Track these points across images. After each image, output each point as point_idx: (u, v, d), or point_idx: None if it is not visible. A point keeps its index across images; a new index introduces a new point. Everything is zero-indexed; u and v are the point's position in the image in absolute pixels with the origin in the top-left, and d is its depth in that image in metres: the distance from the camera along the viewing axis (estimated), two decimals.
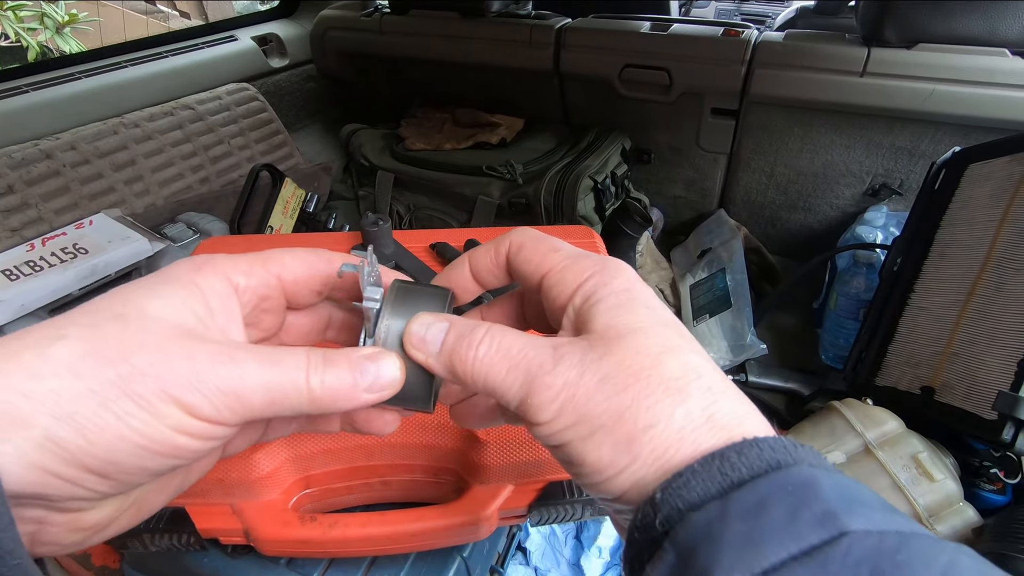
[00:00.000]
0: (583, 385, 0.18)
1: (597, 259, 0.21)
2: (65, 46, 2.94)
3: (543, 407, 0.18)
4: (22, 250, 0.84)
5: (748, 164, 1.20)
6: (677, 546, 0.15)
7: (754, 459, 0.16)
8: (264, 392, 0.18)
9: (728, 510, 0.15)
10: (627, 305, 0.19)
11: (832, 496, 0.15)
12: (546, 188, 1.11)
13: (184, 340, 0.18)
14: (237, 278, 0.21)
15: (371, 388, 0.20)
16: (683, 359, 0.18)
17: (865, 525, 0.14)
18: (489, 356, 0.19)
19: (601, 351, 0.18)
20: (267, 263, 0.22)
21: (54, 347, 0.16)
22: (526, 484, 0.42)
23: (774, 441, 0.17)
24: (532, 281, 0.22)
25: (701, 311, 1.11)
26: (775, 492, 0.15)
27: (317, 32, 1.47)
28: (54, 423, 0.16)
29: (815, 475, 0.15)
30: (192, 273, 0.20)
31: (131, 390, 0.16)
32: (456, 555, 0.45)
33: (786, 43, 1.05)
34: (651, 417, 0.17)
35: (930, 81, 0.95)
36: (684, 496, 0.16)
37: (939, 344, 0.77)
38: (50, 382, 0.16)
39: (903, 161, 1.07)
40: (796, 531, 0.14)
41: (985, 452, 0.74)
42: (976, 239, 0.78)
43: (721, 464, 0.16)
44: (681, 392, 0.17)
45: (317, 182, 1.28)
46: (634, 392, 0.17)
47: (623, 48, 1.16)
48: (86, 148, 1.01)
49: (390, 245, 0.56)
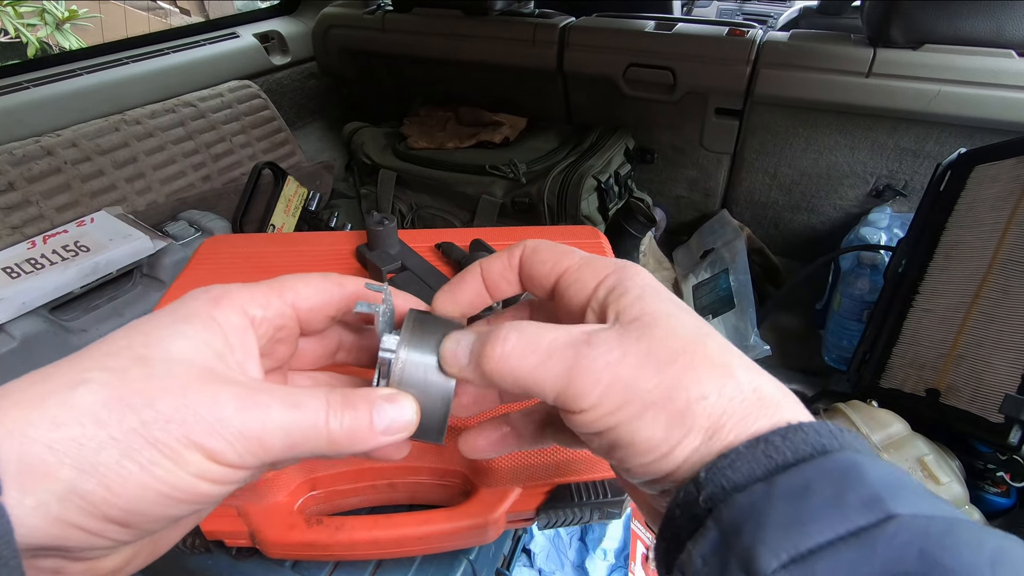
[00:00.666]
0: (627, 364, 0.18)
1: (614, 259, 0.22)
2: (65, 42, 2.93)
3: (585, 392, 0.18)
4: (23, 248, 0.84)
5: (752, 164, 1.20)
6: (721, 524, 0.15)
7: (799, 443, 0.16)
8: (285, 436, 0.18)
9: (773, 492, 0.15)
10: (654, 296, 0.20)
11: (877, 481, 0.15)
12: (549, 188, 1.11)
13: (208, 383, 0.17)
14: (254, 311, 0.21)
15: (388, 431, 0.20)
16: (720, 340, 0.19)
17: (912, 510, 0.14)
18: (519, 348, 0.19)
19: (637, 333, 0.18)
20: (282, 293, 0.21)
21: (77, 393, 0.16)
22: (534, 487, 0.41)
23: (819, 426, 0.17)
24: (547, 283, 0.22)
25: (704, 312, 1.11)
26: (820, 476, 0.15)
27: (319, 29, 1.46)
28: (77, 475, 0.15)
29: (859, 460, 0.15)
30: (210, 308, 0.19)
31: (154, 438, 0.16)
32: (463, 558, 0.45)
33: (791, 43, 1.05)
34: (704, 388, 0.17)
35: (936, 82, 0.95)
36: (729, 476, 0.16)
37: (944, 346, 0.76)
38: (73, 430, 0.15)
39: (908, 162, 1.07)
40: (843, 513, 0.14)
41: (990, 455, 0.73)
42: (982, 241, 0.78)
43: (766, 448, 0.16)
44: (727, 367, 0.18)
45: (319, 180, 1.28)
46: (681, 366, 0.17)
47: (627, 47, 1.16)
48: (87, 145, 1.00)
49: (395, 245, 0.56)
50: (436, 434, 0.22)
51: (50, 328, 0.79)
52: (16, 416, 0.15)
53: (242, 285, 0.21)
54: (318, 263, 0.56)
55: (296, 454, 0.19)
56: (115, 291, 0.89)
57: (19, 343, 0.76)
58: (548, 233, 0.63)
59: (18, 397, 0.16)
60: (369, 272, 0.55)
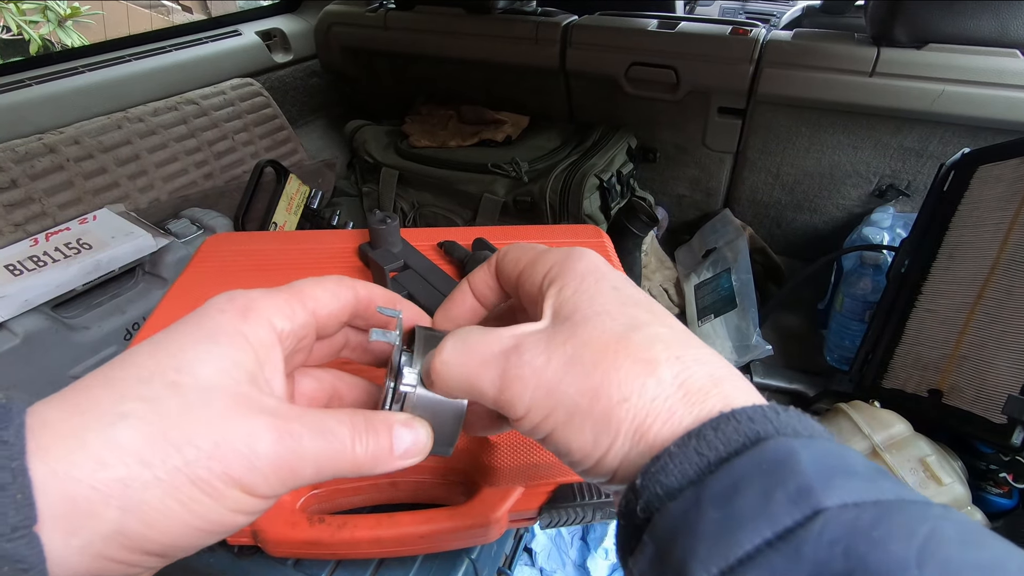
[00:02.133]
0: (551, 369, 0.18)
1: (564, 248, 0.21)
2: (67, 39, 2.93)
3: (517, 400, 0.18)
4: (25, 245, 0.84)
5: (754, 164, 1.20)
6: (655, 537, 0.15)
7: (731, 434, 0.15)
8: (315, 463, 0.18)
9: (703, 495, 0.15)
10: (592, 288, 0.19)
11: (810, 469, 0.14)
12: (551, 186, 1.11)
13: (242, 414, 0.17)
14: (281, 324, 0.20)
15: (405, 455, 0.20)
16: (649, 332, 0.18)
17: (841, 499, 0.13)
18: (455, 356, 0.19)
19: (566, 334, 0.18)
20: (304, 301, 0.21)
21: (118, 430, 0.16)
22: (536, 486, 0.41)
23: (752, 411, 0.16)
24: (513, 284, 0.22)
25: (706, 311, 1.11)
26: (750, 471, 0.14)
27: (321, 27, 1.46)
28: (122, 515, 0.15)
29: (793, 447, 0.15)
30: (238, 323, 0.19)
31: (197, 476, 0.16)
32: (464, 557, 0.45)
33: (795, 42, 1.04)
34: (624, 390, 0.17)
35: (940, 82, 0.94)
36: (663, 481, 0.15)
37: (947, 347, 0.76)
38: (118, 471, 0.16)
39: (911, 162, 1.07)
40: (770, 513, 0.13)
41: (993, 456, 0.73)
42: (985, 241, 0.78)
43: (698, 443, 0.16)
44: (650, 363, 0.17)
45: (321, 178, 1.28)
46: (603, 368, 0.17)
47: (630, 46, 1.16)
48: (89, 143, 1.00)
49: (398, 243, 0.56)
50: (446, 448, 0.23)
51: (52, 325, 0.79)
52: (59, 455, 0.15)
53: (265, 293, 0.21)
54: (320, 261, 0.56)
55: (322, 478, 0.19)
56: (117, 289, 0.89)
57: (22, 340, 0.76)
58: (549, 232, 0.63)
59: (58, 430, 0.16)
60: (371, 270, 0.55)
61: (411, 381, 0.21)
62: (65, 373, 0.81)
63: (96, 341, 0.83)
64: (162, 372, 0.17)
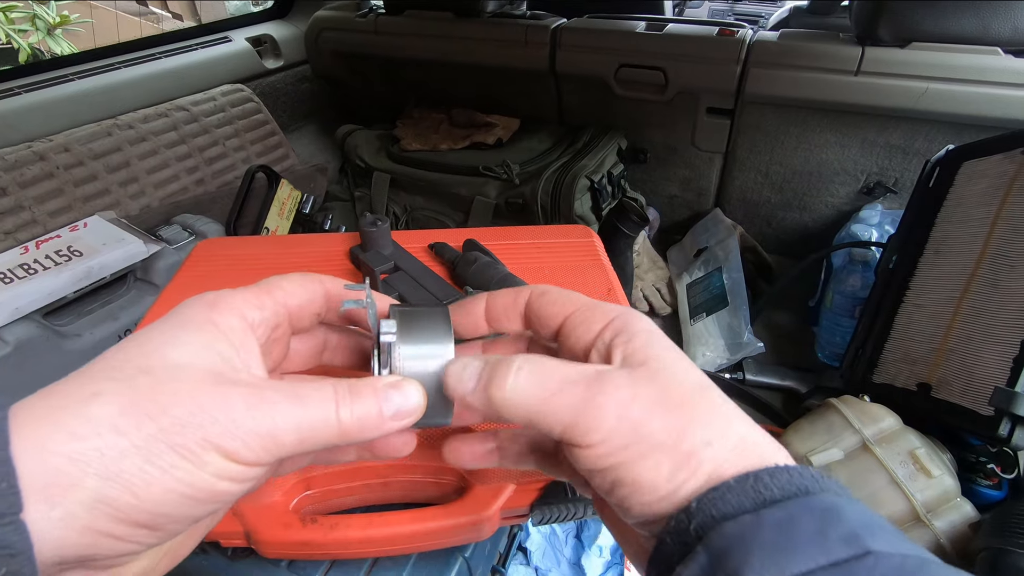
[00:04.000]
0: (637, 405, 0.18)
1: (619, 306, 0.22)
2: (57, 48, 2.92)
3: (594, 428, 0.18)
4: (16, 253, 0.84)
5: (743, 163, 1.21)
6: (710, 549, 0.16)
7: (785, 482, 0.17)
8: (296, 430, 0.18)
9: (761, 521, 0.16)
10: (660, 342, 0.21)
11: (855, 520, 0.16)
12: (543, 188, 1.12)
13: (216, 385, 0.18)
14: (251, 313, 0.21)
15: (397, 416, 0.20)
16: (718, 392, 0.20)
17: (888, 548, 0.15)
18: (531, 380, 0.19)
19: (648, 377, 0.19)
20: (272, 292, 0.22)
21: (92, 406, 0.16)
22: (527, 483, 0.42)
23: (803, 470, 0.18)
24: (554, 323, 0.23)
25: (698, 310, 1.12)
26: (804, 512, 0.16)
27: (312, 33, 1.46)
28: (103, 483, 0.16)
29: (839, 502, 0.17)
30: (208, 312, 0.20)
31: (174, 442, 0.16)
32: (458, 555, 0.45)
33: (781, 42, 1.05)
34: (708, 435, 0.18)
35: (924, 80, 0.96)
36: (719, 507, 0.17)
37: (935, 341, 0.77)
38: (93, 442, 0.16)
39: (897, 159, 1.08)
40: (825, 546, 0.15)
41: (982, 447, 0.74)
42: (971, 236, 0.79)
43: (755, 483, 0.17)
44: (728, 417, 0.19)
45: (313, 183, 1.28)
46: (689, 411, 0.19)
47: (618, 48, 1.17)
48: (80, 150, 1.00)
49: (388, 246, 0.56)
50: (443, 416, 0.22)
51: (44, 333, 0.79)
52: (32, 432, 0.16)
53: (234, 290, 0.21)
54: (312, 265, 0.57)
55: (308, 447, 0.19)
56: (109, 295, 0.89)
57: (13, 348, 0.76)
58: (541, 233, 0.63)
59: (31, 413, 0.16)
60: (363, 272, 0.55)
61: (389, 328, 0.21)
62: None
63: (88, 348, 0.83)
64: (130, 360, 0.18)
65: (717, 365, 1.02)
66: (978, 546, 0.62)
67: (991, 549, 0.60)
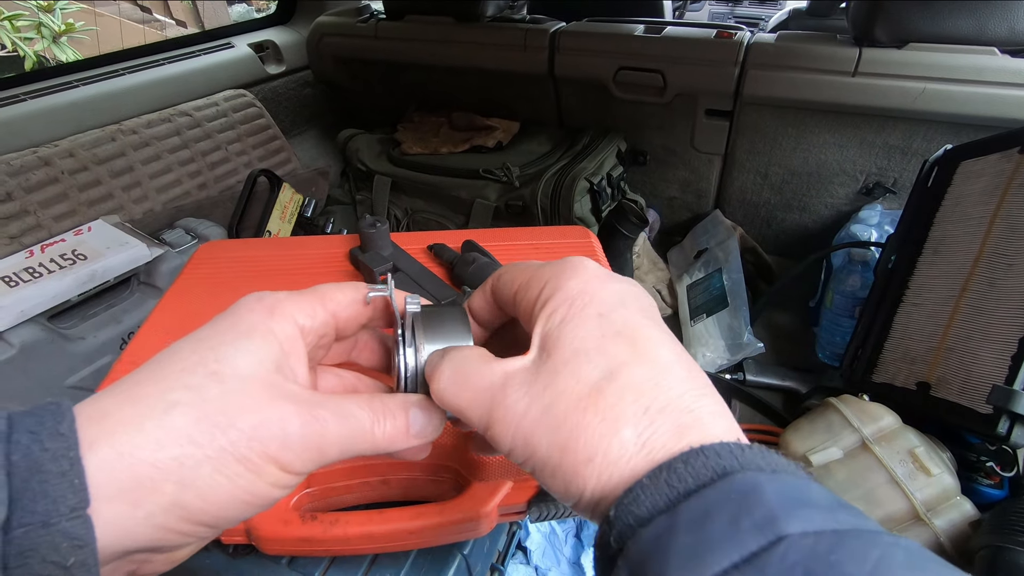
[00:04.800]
0: (529, 418, 0.19)
1: (557, 263, 0.22)
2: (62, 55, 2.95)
3: (501, 438, 0.19)
4: (21, 257, 0.85)
5: (743, 164, 1.21)
6: (629, 563, 0.16)
7: (700, 468, 0.16)
8: (340, 444, 0.21)
9: (675, 523, 0.15)
10: (579, 316, 0.20)
11: (774, 500, 0.15)
12: (542, 190, 1.12)
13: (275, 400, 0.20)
14: (303, 321, 0.22)
15: (419, 434, 0.22)
16: (622, 380, 0.18)
17: (803, 527, 0.14)
18: (452, 383, 0.21)
19: (545, 380, 0.19)
20: (324, 302, 0.23)
21: (170, 416, 0.18)
22: (525, 480, 0.42)
23: (720, 447, 0.17)
24: (509, 303, 0.23)
25: (698, 311, 1.12)
26: (720, 500, 0.15)
27: (313, 38, 1.48)
28: (179, 489, 0.18)
29: (758, 481, 0.16)
30: (267, 320, 0.21)
31: (240, 455, 0.19)
32: (457, 552, 0.45)
33: (778, 44, 1.06)
34: (589, 451, 0.18)
35: (921, 80, 0.96)
36: (635, 512, 0.16)
37: (934, 340, 0.77)
38: (173, 451, 0.18)
39: (896, 159, 1.08)
40: (738, 539, 0.14)
41: (981, 446, 0.74)
42: (969, 235, 0.79)
43: (668, 476, 0.16)
44: (617, 421, 0.18)
45: (315, 187, 1.29)
46: (571, 426, 0.18)
47: (617, 51, 1.17)
48: (84, 155, 1.01)
49: (388, 247, 0.57)
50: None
51: (48, 336, 0.80)
52: (124, 440, 0.18)
53: (290, 294, 0.23)
54: (312, 266, 0.57)
55: (344, 456, 0.21)
56: (112, 299, 0.90)
57: (18, 351, 0.76)
58: (539, 234, 0.64)
59: (118, 418, 0.18)
60: (362, 273, 0.56)
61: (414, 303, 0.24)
62: (61, 383, 0.81)
63: (92, 351, 0.84)
64: (204, 363, 0.20)
65: (718, 366, 1.02)
66: (978, 544, 0.62)
67: (991, 547, 0.60)
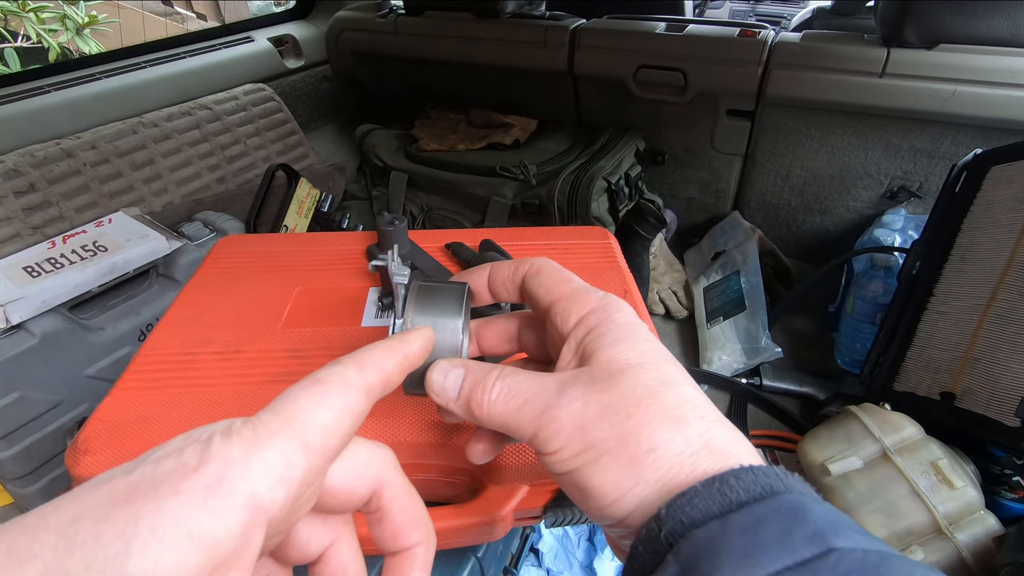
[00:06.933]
0: (588, 414, 0.20)
1: (602, 294, 0.24)
2: (85, 47, 2.99)
3: (552, 438, 0.20)
4: (44, 247, 0.86)
5: (763, 166, 1.19)
6: (680, 558, 0.17)
7: (750, 484, 0.18)
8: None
9: (728, 527, 0.16)
10: (629, 339, 0.21)
11: (820, 519, 0.16)
12: (560, 189, 1.11)
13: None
14: (269, 499, 0.15)
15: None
16: (679, 391, 0.20)
17: (851, 544, 0.15)
18: (502, 398, 0.22)
19: (603, 384, 0.20)
20: (307, 444, 0.17)
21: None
22: (541, 485, 0.41)
23: (767, 469, 0.18)
24: (542, 304, 0.24)
25: (715, 314, 1.11)
26: (770, 514, 0.16)
27: (332, 33, 1.48)
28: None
29: (804, 501, 0.17)
30: (201, 514, 0.14)
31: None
32: (470, 555, 0.45)
33: (804, 44, 1.04)
34: (653, 441, 0.19)
35: (951, 82, 0.94)
36: (688, 513, 0.17)
37: (959, 349, 0.75)
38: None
39: (922, 163, 1.06)
40: (790, 546, 0.15)
41: (1007, 459, 0.72)
42: (998, 243, 0.77)
43: (721, 486, 0.17)
44: (679, 420, 0.19)
45: (331, 182, 1.29)
46: (636, 419, 0.19)
47: (638, 49, 1.16)
48: (106, 147, 1.02)
49: (406, 245, 0.57)
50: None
51: (69, 326, 0.81)
52: None
53: (251, 442, 0.16)
54: (330, 263, 0.57)
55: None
56: (132, 290, 0.90)
57: (39, 340, 0.77)
58: (557, 234, 0.63)
59: None
60: (379, 272, 0.56)
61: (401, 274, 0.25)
62: (81, 373, 0.82)
63: (111, 342, 0.85)
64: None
65: (734, 370, 1.01)
66: (1002, 561, 0.60)
67: (1015, 564, 0.58)
